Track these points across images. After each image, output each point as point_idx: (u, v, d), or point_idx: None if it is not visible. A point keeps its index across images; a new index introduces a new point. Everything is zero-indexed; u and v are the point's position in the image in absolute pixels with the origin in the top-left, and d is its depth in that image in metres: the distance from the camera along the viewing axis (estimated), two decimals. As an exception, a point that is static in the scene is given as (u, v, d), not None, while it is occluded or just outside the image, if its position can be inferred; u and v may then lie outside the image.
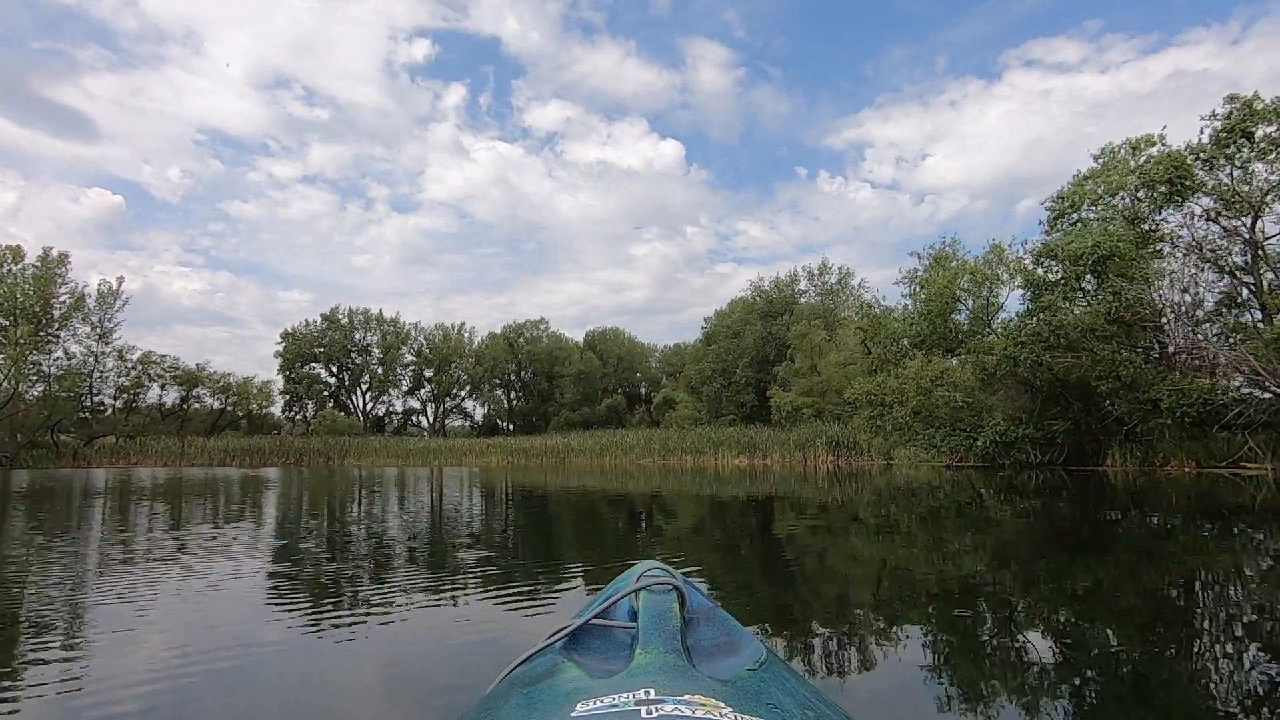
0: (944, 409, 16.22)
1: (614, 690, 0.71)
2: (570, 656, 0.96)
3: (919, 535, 6.08)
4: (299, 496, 11.41)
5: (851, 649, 2.53)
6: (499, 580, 3.86)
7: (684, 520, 7.86)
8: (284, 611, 3.15)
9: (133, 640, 2.68)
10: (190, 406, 40.95)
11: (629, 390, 57.14)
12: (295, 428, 50.34)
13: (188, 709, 1.95)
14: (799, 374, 32.06)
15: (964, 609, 3.15)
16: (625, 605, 1.16)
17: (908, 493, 10.79)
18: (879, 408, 17.81)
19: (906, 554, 4.96)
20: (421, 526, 6.96)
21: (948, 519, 7.23)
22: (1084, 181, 15.95)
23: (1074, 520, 6.95)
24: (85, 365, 34.95)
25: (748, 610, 3.12)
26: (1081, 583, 3.74)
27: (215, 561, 4.58)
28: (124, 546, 5.46)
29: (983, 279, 16.29)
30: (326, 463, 32.03)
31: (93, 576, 4.08)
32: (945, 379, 16.33)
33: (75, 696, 2.04)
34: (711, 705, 0.65)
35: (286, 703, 2.05)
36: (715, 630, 1.14)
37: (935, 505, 8.70)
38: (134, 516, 7.99)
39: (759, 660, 0.92)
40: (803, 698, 0.82)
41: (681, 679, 0.76)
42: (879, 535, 6.08)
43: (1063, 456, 15.78)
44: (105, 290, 35.83)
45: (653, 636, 0.95)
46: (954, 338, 16.76)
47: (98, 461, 30.62)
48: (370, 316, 57.69)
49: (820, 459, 22.86)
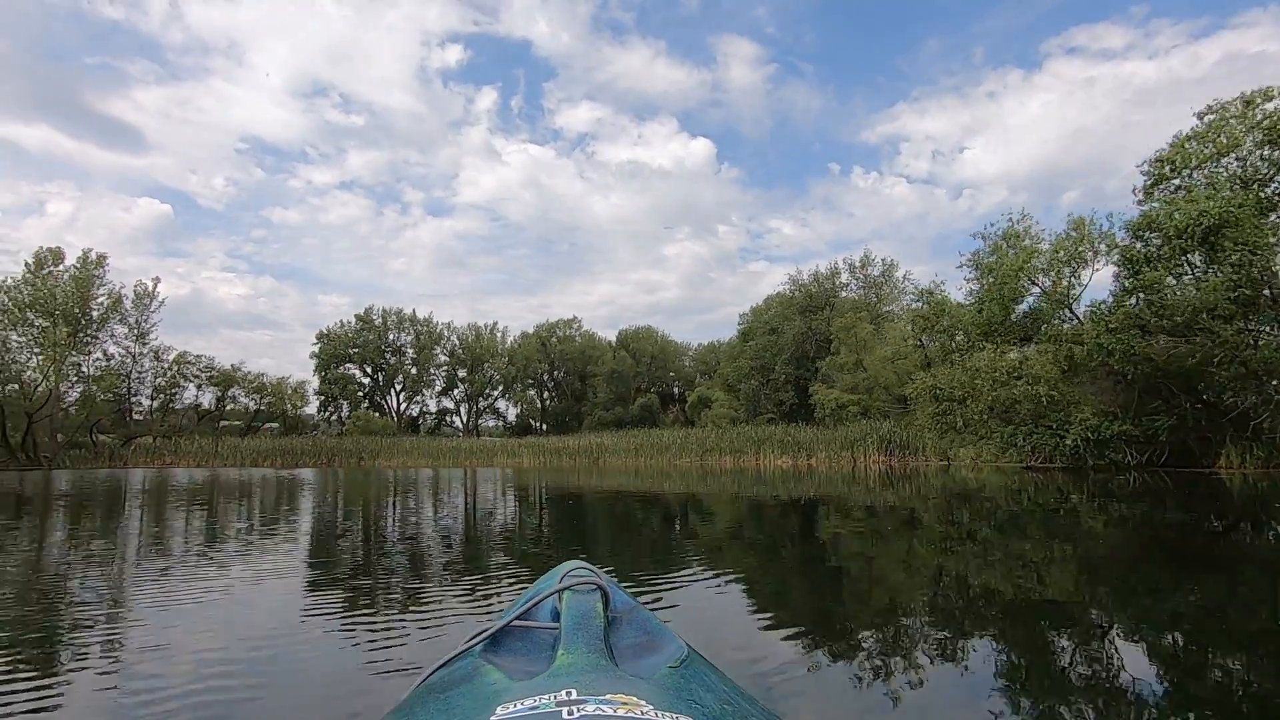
0: (1025, 404, 14.47)
1: (535, 692, 0.70)
2: (490, 659, 0.94)
3: (995, 543, 5.50)
4: (332, 499, 11.04)
5: (920, 667, 2.29)
6: (514, 585, 3.78)
7: (727, 522, 7.44)
8: (318, 614, 3.18)
9: (173, 638, 2.73)
10: (226, 407, 41.07)
11: (662, 389, 56.23)
12: (330, 428, 50.46)
13: (227, 705, 2.00)
14: (844, 369, 30.41)
15: (1046, 625, 2.87)
16: (548, 606, 1.15)
17: (979, 496, 9.75)
18: (947, 403, 16.13)
19: (980, 564, 4.56)
20: (454, 530, 6.72)
21: (1029, 526, 6.57)
22: (1186, 143, 13.97)
23: (1183, 530, 6.24)
24: (123, 366, 35.16)
25: (796, 620, 2.98)
26: (1192, 602, 3.32)
27: (252, 560, 4.73)
28: (162, 546, 5.64)
29: (1066, 257, 14.54)
30: (358, 463, 31.81)
31: (136, 575, 4.23)
32: (1024, 370, 14.54)
33: (114, 692, 2.10)
34: (633, 704, 0.65)
35: (317, 700, 2.10)
36: (637, 629, 1.13)
37: (1015, 510, 7.87)
38: (172, 518, 8.04)
39: (680, 658, 0.92)
40: (723, 693, 0.82)
41: (604, 678, 0.76)
42: (948, 543, 5.53)
43: (1164, 457, 13.92)
44: (141, 292, 36.10)
45: (575, 637, 0.95)
46: (1028, 325, 15.06)
47: (134, 462, 30.65)
48: (404, 317, 57.74)
49: (871, 459, 21.35)
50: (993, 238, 15.85)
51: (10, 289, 30.89)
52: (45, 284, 32.09)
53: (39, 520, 8.06)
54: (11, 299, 30.72)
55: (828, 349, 35.88)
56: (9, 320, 30.48)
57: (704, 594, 3.56)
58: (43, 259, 33.03)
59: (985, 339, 15.45)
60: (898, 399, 26.17)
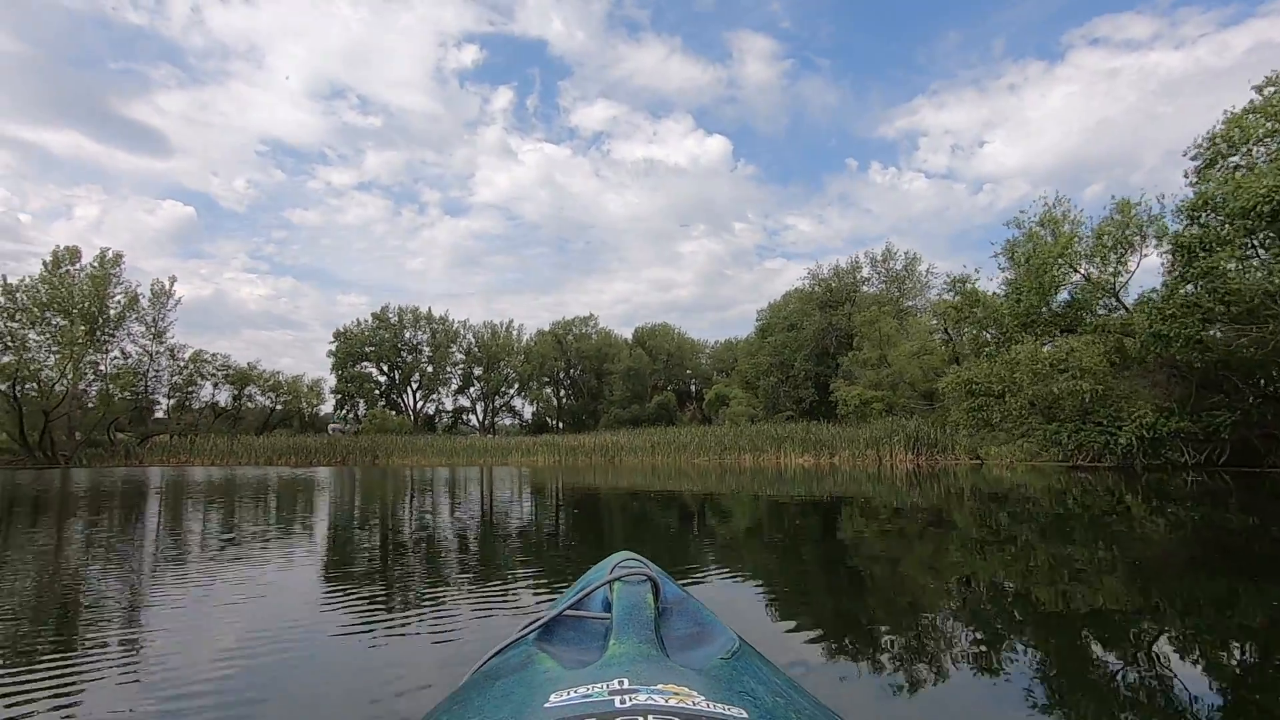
0: (1070, 399, 13.50)
1: (588, 680, 0.70)
2: (544, 648, 0.95)
3: (1038, 547, 5.21)
4: (349, 498, 10.88)
5: (964, 683, 2.12)
6: (546, 580, 3.83)
7: (751, 521, 7.16)
8: (347, 612, 3.18)
9: (191, 634, 2.77)
10: (243, 405, 41.03)
11: (679, 387, 55.65)
12: (348, 426, 50.42)
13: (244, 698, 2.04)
14: (867, 365, 29.50)
15: (1091, 635, 2.66)
16: (600, 596, 1.15)
17: (1019, 497, 9.15)
18: (983, 398, 15.19)
19: (1024, 569, 4.33)
20: (469, 532, 6.55)
21: (1077, 530, 6.15)
22: (1245, 117, 12.90)
23: (1249, 535, 5.79)
24: (140, 365, 35.18)
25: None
26: (1261, 615, 3.04)
27: (267, 559, 4.75)
28: (180, 545, 5.67)
29: (1111, 242, 13.59)
30: (373, 461, 31.60)
31: (153, 572, 4.26)
32: (1070, 363, 13.50)
33: (134, 687, 2.14)
34: (685, 694, 0.65)
35: (323, 694, 2.13)
36: (688, 620, 1.13)
37: (1060, 513, 7.35)
38: (189, 517, 8.02)
39: (732, 649, 0.91)
40: (775, 686, 0.82)
41: (655, 668, 0.76)
42: (988, 547, 5.23)
43: (1224, 455, 12.85)
44: (158, 290, 36.05)
45: (626, 627, 0.95)
46: (1069, 315, 14.11)
47: (151, 460, 30.60)
48: (419, 315, 57.59)
49: (898, 457, 20.51)
50: (1028, 223, 14.91)
51: (28, 288, 30.96)
52: (63, 283, 32.15)
53: (56, 519, 7.96)
54: (30, 298, 30.78)
55: (849, 345, 35.07)
56: (27, 319, 30.54)
57: (741, 592, 3.42)
58: (60, 258, 33.12)
59: (1024, 330, 14.50)
60: (924, 395, 25.29)
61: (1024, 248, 14.38)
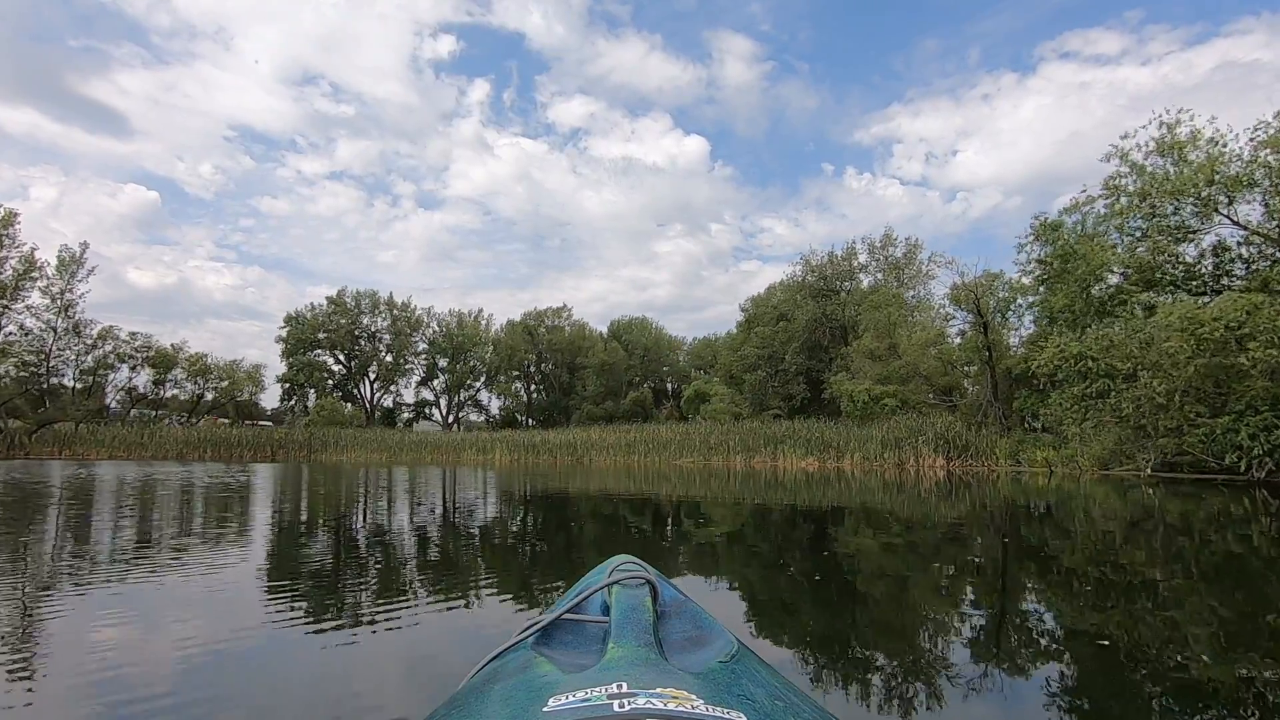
0: (1258, 380, 9.60)
1: (586, 684, 0.70)
2: (542, 651, 0.94)
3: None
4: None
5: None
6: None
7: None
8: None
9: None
10: (165, 393, 36.45)
11: (656, 384, 52.11)
12: (296, 417, 46.01)
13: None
14: (873, 357, 26.19)
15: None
16: (598, 600, 1.14)
17: (1156, 524, 6.52)
18: (1103, 380, 11.34)
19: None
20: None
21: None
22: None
23: None
24: (40, 341, 30.56)
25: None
26: None
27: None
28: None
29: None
30: (308, 457, 27.65)
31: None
32: (1262, 325, 9.25)
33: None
34: (683, 697, 0.65)
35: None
36: (687, 623, 1.12)
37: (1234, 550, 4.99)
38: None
39: (730, 653, 0.90)
40: (774, 689, 0.81)
41: (654, 672, 0.76)
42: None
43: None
44: (66, 258, 31.44)
45: (625, 630, 0.94)
46: (1212, 269, 10.44)
47: (39, 452, 26.15)
48: (379, 300, 53.17)
49: (926, 461, 17.22)
50: (1144, 147, 11.19)
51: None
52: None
53: None
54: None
55: (845, 337, 31.94)
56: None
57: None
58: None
59: (1145, 287, 10.92)
60: (942, 391, 22.16)
61: (1143, 177, 10.75)
